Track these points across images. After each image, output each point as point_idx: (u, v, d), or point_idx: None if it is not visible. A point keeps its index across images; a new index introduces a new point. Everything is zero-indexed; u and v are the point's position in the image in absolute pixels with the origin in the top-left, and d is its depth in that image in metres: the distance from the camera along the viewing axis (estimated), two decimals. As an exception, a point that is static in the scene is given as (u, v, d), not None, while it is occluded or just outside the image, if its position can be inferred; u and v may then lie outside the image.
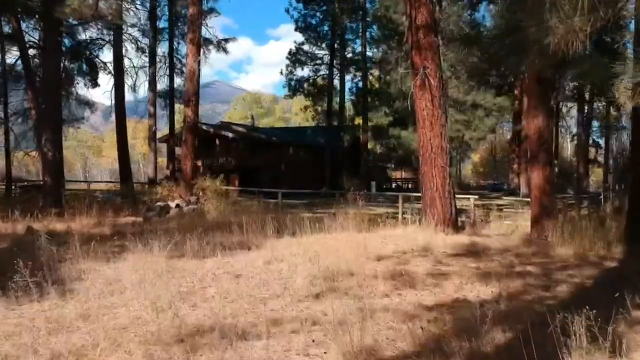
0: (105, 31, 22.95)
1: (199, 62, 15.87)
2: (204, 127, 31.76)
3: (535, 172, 9.92)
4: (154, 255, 7.26)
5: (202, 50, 17.56)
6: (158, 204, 13.54)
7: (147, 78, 25.70)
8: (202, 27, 16.86)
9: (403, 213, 14.22)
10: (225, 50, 18.23)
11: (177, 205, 13.68)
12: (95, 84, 29.65)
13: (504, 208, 16.50)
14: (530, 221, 10.24)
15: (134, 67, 26.00)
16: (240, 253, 8.02)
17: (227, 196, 15.85)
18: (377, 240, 9.36)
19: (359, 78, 32.20)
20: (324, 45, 32.84)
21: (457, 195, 14.15)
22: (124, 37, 21.57)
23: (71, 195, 18.07)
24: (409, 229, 11.02)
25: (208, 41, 18.01)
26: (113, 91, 22.04)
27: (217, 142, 31.28)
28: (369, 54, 30.71)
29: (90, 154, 68.17)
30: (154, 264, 6.86)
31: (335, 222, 11.54)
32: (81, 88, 30.39)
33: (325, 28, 32.73)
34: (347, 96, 35.20)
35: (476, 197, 14.00)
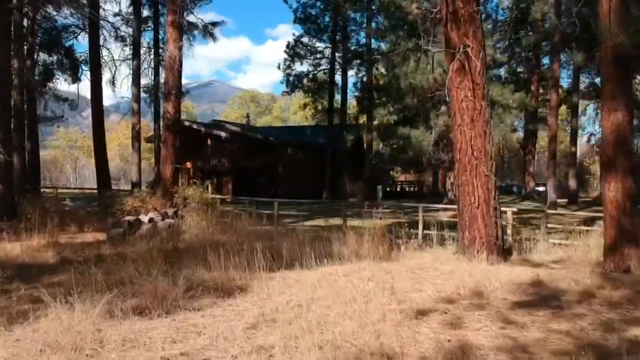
0: (80, 18, 20.52)
1: (181, 47, 13.45)
2: (195, 126, 29.34)
3: (611, 183, 7.49)
4: (85, 311, 4.86)
5: (185, 36, 15.08)
6: (127, 218, 11.09)
7: (131, 72, 23.21)
8: (187, 10, 14.41)
9: (424, 228, 11.80)
10: (212, 36, 16.02)
11: (151, 220, 11.23)
12: (75, 79, 27.27)
13: (538, 220, 14.13)
14: (604, 247, 7.80)
15: (113, 59, 23.53)
16: (215, 304, 5.57)
17: (213, 207, 13.39)
18: (406, 277, 6.92)
19: (363, 72, 29.79)
20: (325, 38, 30.39)
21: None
22: (101, 23, 19.08)
23: (34, 204, 15.58)
24: (441, 256, 8.60)
25: (193, 26, 15.70)
26: (80, 85, 19.47)
27: (209, 142, 28.84)
28: (374, 46, 28.27)
29: (81, 155, 65.65)
30: (77, 329, 4.45)
31: (346, 243, 9.14)
32: (71, 85, 27.92)
33: (327, 19, 30.29)
34: (351, 92, 32.78)
35: (514, 209, 11.58)
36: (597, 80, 34.94)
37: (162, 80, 24.37)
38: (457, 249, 8.55)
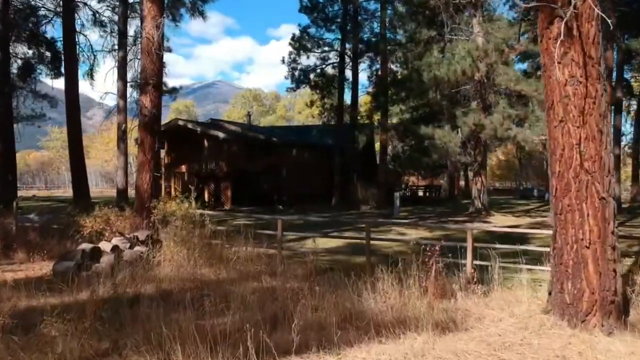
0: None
1: (160, 26, 10.72)
2: (190, 126, 26.62)
3: None
4: None
5: (171, 16, 12.36)
6: (81, 247, 8.36)
7: (116, 64, 20.53)
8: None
9: (475, 254, 8.96)
10: (202, 15, 13.32)
11: (114, 249, 8.50)
12: (58, 74, 24.68)
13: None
14: None
15: (92, 48, 20.85)
16: None
17: (202, 225, 10.59)
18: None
19: (377, 66, 26.95)
20: (333, 28, 27.60)
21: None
22: (78, 5, 16.36)
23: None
24: (524, 315, 5.80)
25: (179, 2, 13.06)
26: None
27: (206, 143, 26.08)
28: (388, 36, 25.36)
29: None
30: None
31: (381, 292, 6.39)
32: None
33: (336, 7, 27.51)
34: (362, 88, 29.94)
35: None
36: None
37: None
38: (551, 305, 5.76)
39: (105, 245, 8.59)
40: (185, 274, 7.81)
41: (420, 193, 37.04)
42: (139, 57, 21.50)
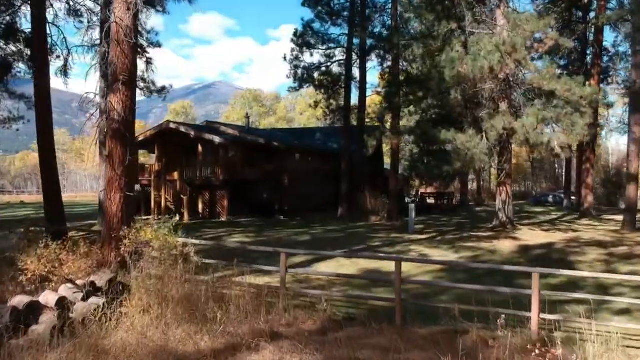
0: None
1: (133, 7, 8.53)
2: (182, 129, 24.38)
3: None
4: None
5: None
6: (14, 302, 6.12)
7: (97, 60, 18.23)
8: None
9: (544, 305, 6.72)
10: (189, -1, 11.27)
11: (61, 302, 6.27)
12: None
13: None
14: None
15: (65, 42, 18.74)
16: None
17: (185, 258, 8.35)
18: None
19: (388, 63, 24.78)
20: (340, 22, 25.41)
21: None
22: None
23: None
24: None
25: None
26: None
27: (200, 148, 23.85)
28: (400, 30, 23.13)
29: (68, 159, 60.85)
30: None
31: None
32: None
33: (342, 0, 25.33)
34: (372, 88, 27.73)
35: None
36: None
37: (140, 73, 19.40)
38: None
39: (48, 298, 6.35)
40: (152, 345, 5.57)
41: (430, 200, 34.94)
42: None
